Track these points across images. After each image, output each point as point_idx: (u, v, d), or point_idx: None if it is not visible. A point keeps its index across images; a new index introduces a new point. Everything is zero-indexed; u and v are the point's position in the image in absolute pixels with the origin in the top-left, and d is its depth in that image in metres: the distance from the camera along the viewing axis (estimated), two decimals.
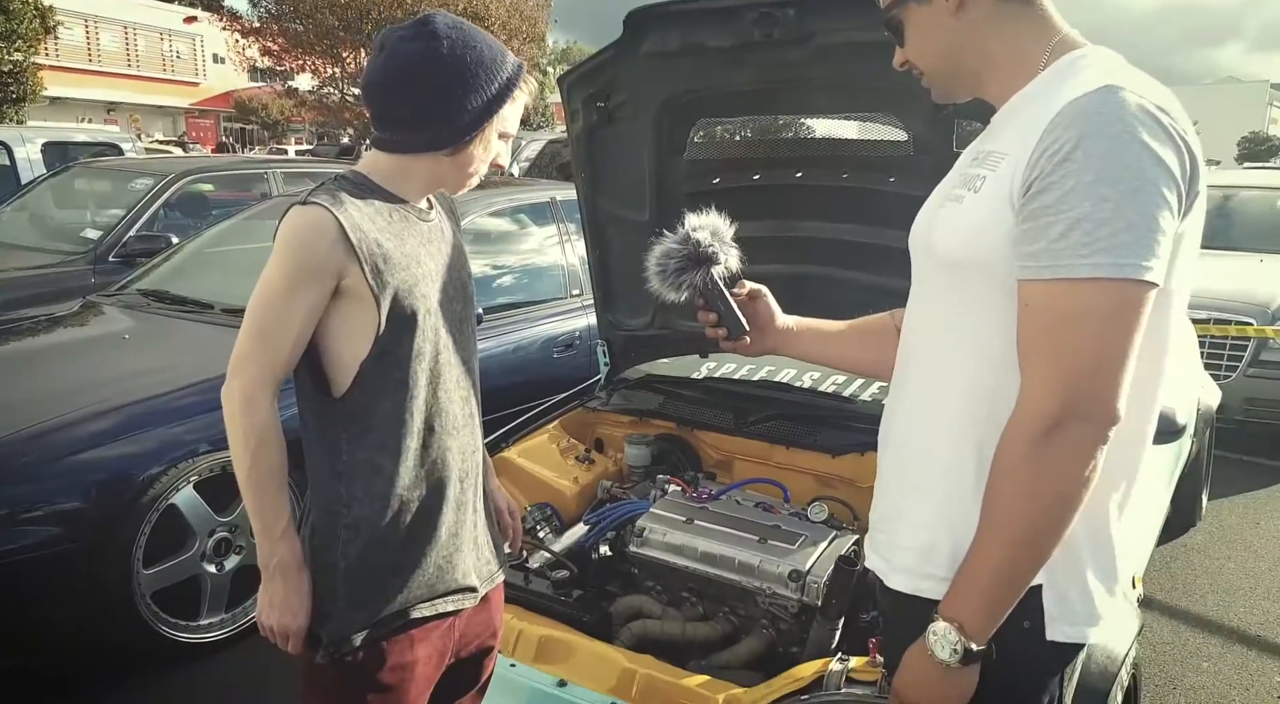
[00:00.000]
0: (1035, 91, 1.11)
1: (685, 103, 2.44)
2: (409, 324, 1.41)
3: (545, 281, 4.26)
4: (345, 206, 1.37)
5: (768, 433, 2.54)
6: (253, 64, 14.29)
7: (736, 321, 1.47)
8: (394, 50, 1.43)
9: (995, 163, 1.09)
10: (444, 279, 1.51)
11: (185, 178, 5.52)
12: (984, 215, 1.08)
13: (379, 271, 1.38)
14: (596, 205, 2.72)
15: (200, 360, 3.03)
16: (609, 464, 2.68)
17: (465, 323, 1.57)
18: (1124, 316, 0.98)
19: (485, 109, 1.41)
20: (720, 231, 1.48)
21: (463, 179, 1.49)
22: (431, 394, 1.47)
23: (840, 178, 2.39)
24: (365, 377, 1.41)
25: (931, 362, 1.20)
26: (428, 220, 1.52)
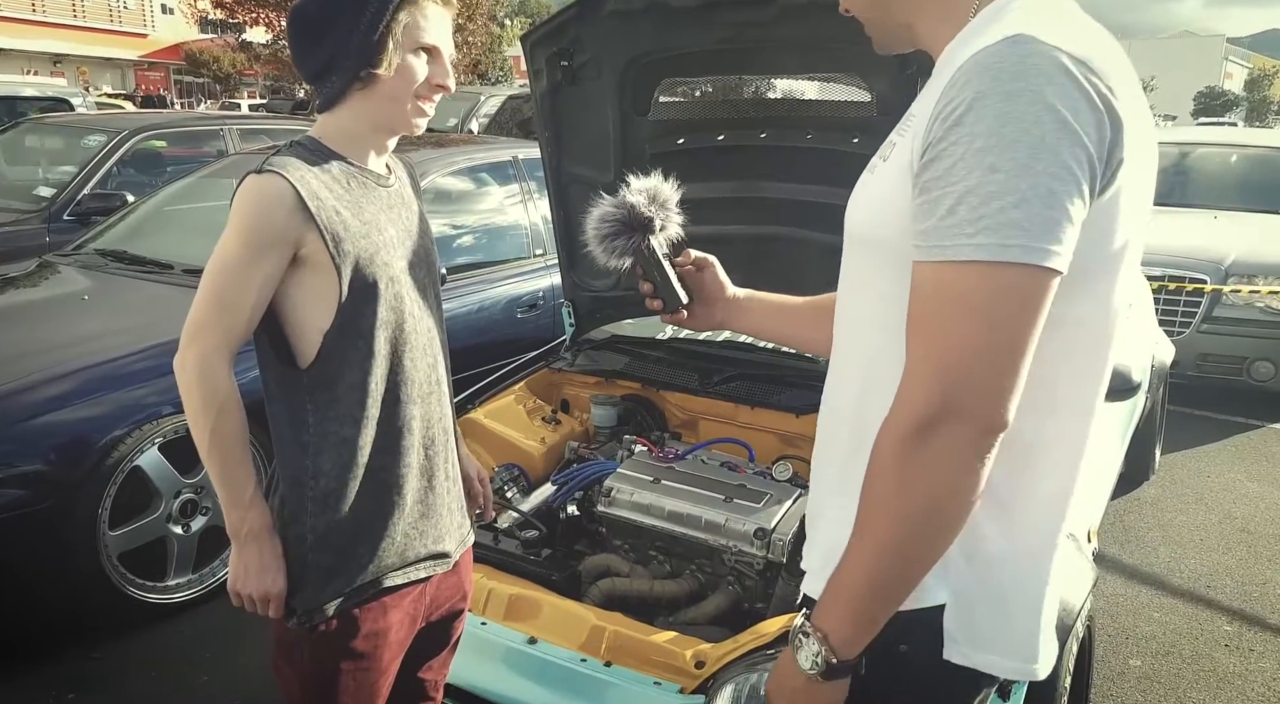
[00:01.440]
0: (956, 44, 0.97)
1: (649, 62, 2.43)
2: (371, 293, 1.41)
3: (508, 241, 4.24)
4: (302, 173, 1.35)
5: (732, 393, 2.58)
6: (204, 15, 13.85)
7: (672, 293, 1.38)
8: (290, 11, 1.44)
9: (906, 126, 0.99)
10: (406, 246, 1.51)
11: (139, 135, 5.37)
12: (887, 187, 0.97)
13: (338, 239, 1.36)
14: (560, 165, 2.71)
15: (161, 321, 2.99)
16: (575, 425, 2.71)
17: (429, 289, 1.57)
18: (1012, 305, 0.85)
19: (373, 20, 1.34)
20: (661, 195, 1.38)
21: (399, 112, 1.42)
22: (396, 362, 1.47)
23: (805, 138, 2.40)
24: (329, 347, 1.40)
25: (841, 347, 1.13)
26: (387, 186, 1.51)
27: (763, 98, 2.43)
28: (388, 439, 1.47)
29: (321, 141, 1.45)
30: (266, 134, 6.01)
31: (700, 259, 1.44)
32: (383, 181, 1.50)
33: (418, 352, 1.51)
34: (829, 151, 2.36)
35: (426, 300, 1.55)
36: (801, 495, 2.04)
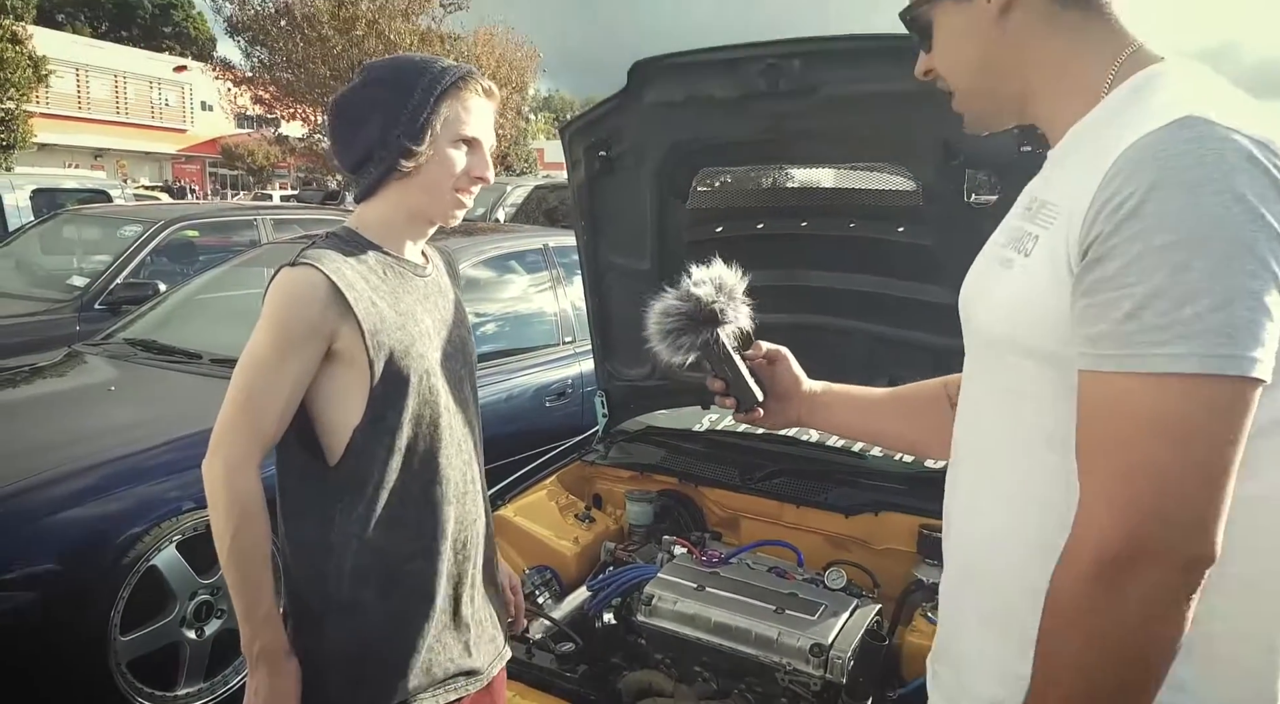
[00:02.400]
0: (1097, 124, 0.88)
1: (688, 152, 2.40)
2: (405, 387, 1.34)
3: (537, 328, 4.19)
4: (338, 265, 1.30)
5: (776, 490, 2.45)
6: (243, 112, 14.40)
7: (747, 390, 1.29)
8: (331, 102, 1.43)
9: (1049, 218, 0.88)
10: (442, 337, 1.44)
11: (174, 224, 5.46)
12: (1035, 285, 0.87)
13: (374, 331, 1.30)
14: (597, 253, 2.67)
15: (187, 412, 2.94)
16: (609, 522, 2.58)
17: (465, 383, 1.50)
18: (1215, 423, 0.74)
19: (415, 111, 1.33)
20: (728, 285, 1.31)
21: (437, 203, 1.40)
22: (429, 460, 1.39)
23: (847, 227, 2.34)
24: (358, 444, 1.33)
25: (985, 462, 0.99)
26: (424, 275, 1.46)
27: (803, 186, 2.39)
28: (418, 544, 1.38)
29: (358, 232, 1.41)
30: (299, 224, 6.09)
31: (772, 351, 1.35)
32: (419, 271, 1.45)
33: (452, 449, 1.42)
34: (873, 240, 2.30)
35: (462, 394, 1.48)
36: (858, 606, 1.90)
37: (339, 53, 11.29)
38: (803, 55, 2.03)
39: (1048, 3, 0.93)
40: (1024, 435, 0.91)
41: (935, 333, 2.27)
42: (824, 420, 1.37)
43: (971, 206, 2.10)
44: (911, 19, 1.03)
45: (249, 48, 11.92)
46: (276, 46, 11.60)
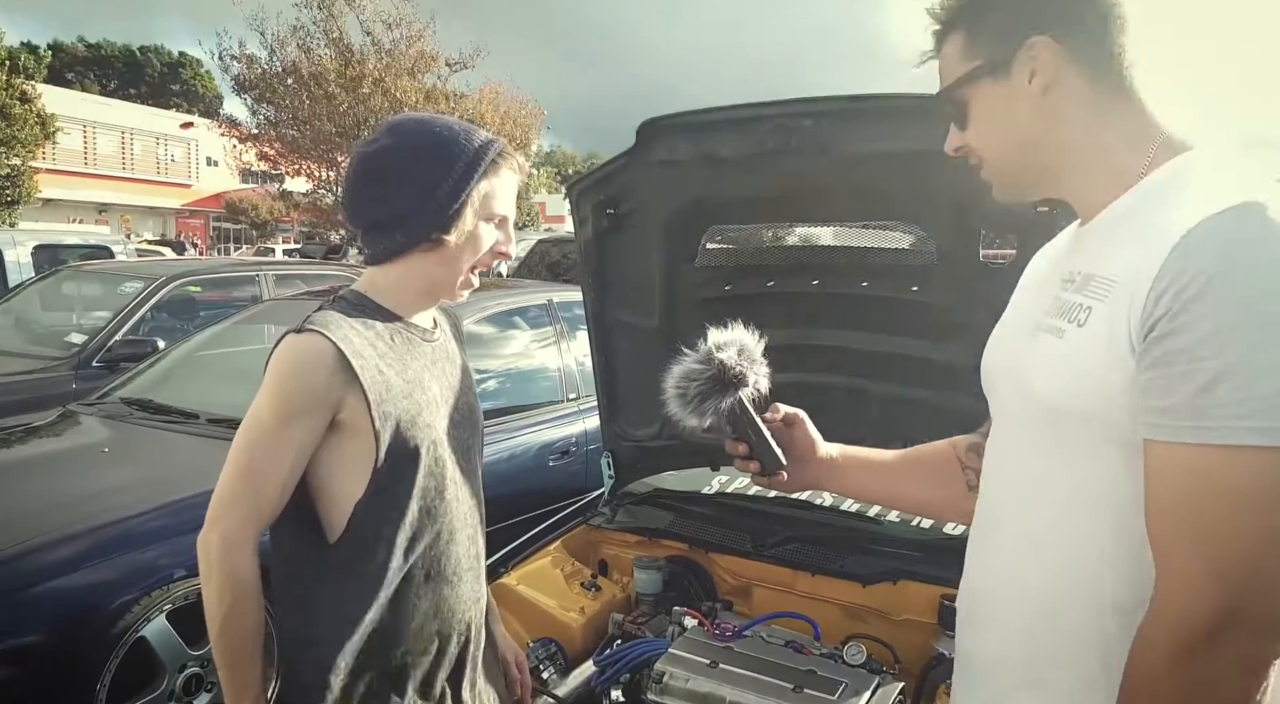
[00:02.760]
0: (1140, 205, 0.93)
1: (697, 210, 2.37)
2: (411, 458, 1.28)
3: (541, 385, 4.14)
4: (345, 331, 1.25)
5: (790, 557, 2.36)
6: (248, 167, 14.56)
7: (771, 454, 1.28)
8: (355, 156, 1.36)
9: (1102, 291, 0.91)
10: (450, 405, 1.39)
11: (176, 281, 5.43)
12: (1093, 356, 0.89)
13: (380, 401, 1.25)
14: (603, 311, 2.62)
15: (182, 475, 2.87)
16: (616, 591, 2.49)
17: (473, 452, 1.44)
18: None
19: (455, 187, 1.29)
20: (748, 348, 1.31)
21: (456, 277, 1.36)
22: (434, 537, 1.32)
23: (860, 286, 2.29)
24: (360, 519, 1.27)
25: (1034, 525, 0.99)
26: (432, 341, 1.40)
27: (815, 244, 2.35)
28: (419, 624, 1.31)
29: (368, 295, 1.36)
30: (301, 279, 6.07)
31: (790, 415, 1.35)
32: (428, 336, 1.40)
33: (458, 522, 1.36)
34: (886, 299, 2.25)
35: (470, 464, 1.42)
36: (880, 684, 1.81)
37: (345, 110, 11.43)
38: (814, 114, 2.01)
39: (1088, 86, 0.96)
40: (1078, 498, 0.93)
41: (950, 393, 2.20)
42: (840, 484, 1.38)
43: (987, 266, 2.06)
44: (948, 97, 1.05)
45: (255, 105, 12.09)
46: (283, 104, 11.76)
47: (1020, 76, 0.98)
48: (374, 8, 11.82)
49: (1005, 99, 0.99)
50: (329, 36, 11.71)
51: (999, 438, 1.09)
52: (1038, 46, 0.96)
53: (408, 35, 12.03)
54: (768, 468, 1.29)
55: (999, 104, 1.00)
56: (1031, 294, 1.10)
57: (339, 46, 11.70)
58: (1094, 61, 0.96)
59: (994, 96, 1.00)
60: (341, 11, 11.68)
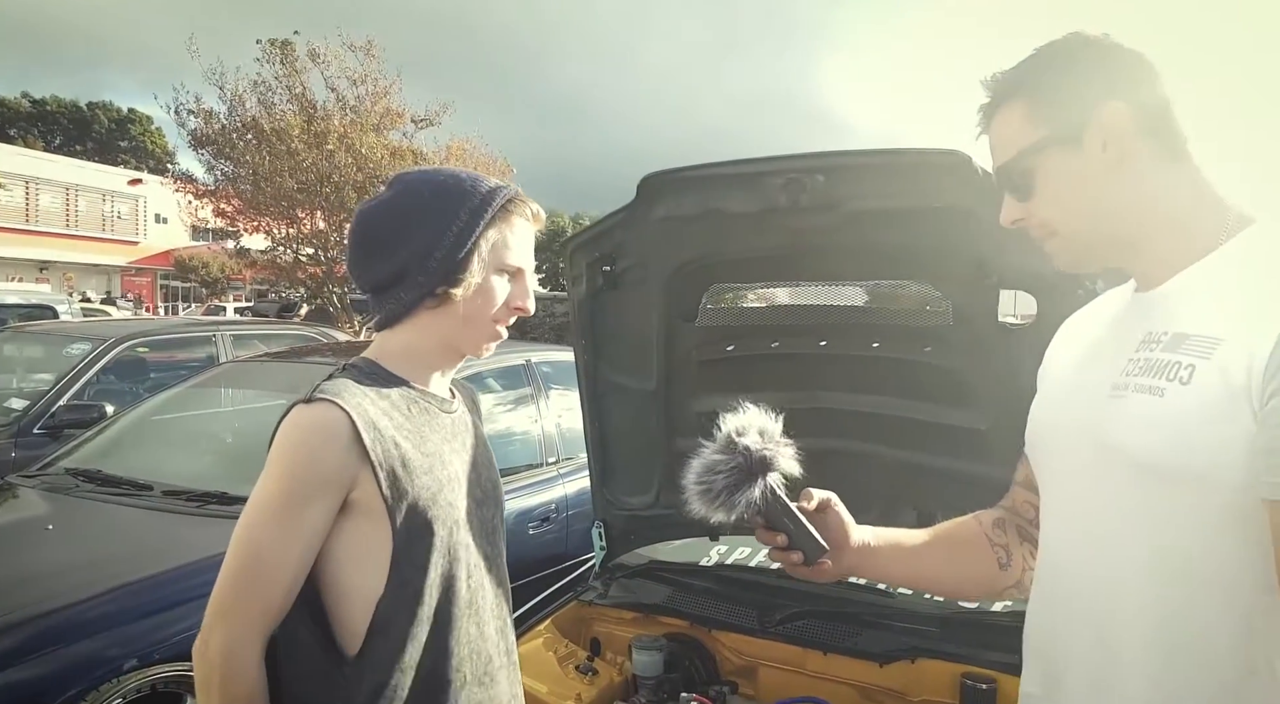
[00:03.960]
0: (1236, 267, 0.94)
1: (700, 268, 2.27)
2: (431, 543, 1.13)
3: (519, 449, 3.97)
4: (359, 400, 1.11)
5: (799, 634, 2.22)
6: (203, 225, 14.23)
7: (813, 541, 1.19)
8: (356, 214, 1.25)
9: (1204, 349, 0.90)
10: (471, 481, 1.24)
11: (125, 342, 5.17)
12: (1205, 412, 0.87)
13: (395, 479, 1.10)
14: (597, 372, 2.50)
15: (134, 554, 2.64)
16: (613, 673, 2.32)
17: (497, 533, 1.29)
18: None
19: (459, 236, 1.18)
20: (769, 430, 1.21)
21: (470, 337, 1.24)
22: (464, 632, 1.16)
23: (870, 347, 2.21)
24: (385, 619, 1.11)
25: (1115, 598, 0.96)
26: (451, 411, 1.27)
27: (822, 304, 2.26)
28: None
29: (380, 363, 1.22)
30: (259, 339, 5.85)
31: (824, 500, 1.25)
32: (446, 407, 1.26)
33: (487, 614, 1.21)
34: (897, 361, 2.17)
35: (496, 546, 1.27)
36: None
37: (308, 166, 11.27)
38: (825, 170, 1.94)
39: (1157, 155, 0.98)
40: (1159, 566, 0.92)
41: (964, 460, 2.12)
42: (875, 569, 1.32)
43: (1005, 327, 1.99)
44: (1014, 168, 1.04)
45: (213, 161, 11.87)
46: (241, 160, 11.56)
47: (1093, 145, 0.97)
48: (339, 64, 11.78)
49: (1077, 169, 0.99)
50: (291, 92, 11.60)
51: (1063, 504, 1.06)
52: (1111, 114, 0.96)
53: (373, 92, 11.97)
54: (810, 556, 1.19)
55: (1071, 174, 0.99)
56: (1087, 356, 1.09)
57: (302, 102, 11.59)
58: (1163, 131, 0.97)
59: (1065, 167, 0.99)
60: (305, 67, 11.61)
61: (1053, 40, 1.03)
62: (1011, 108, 1.03)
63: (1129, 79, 0.98)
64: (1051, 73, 1.01)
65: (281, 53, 11.56)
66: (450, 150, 12.32)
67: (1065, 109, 0.99)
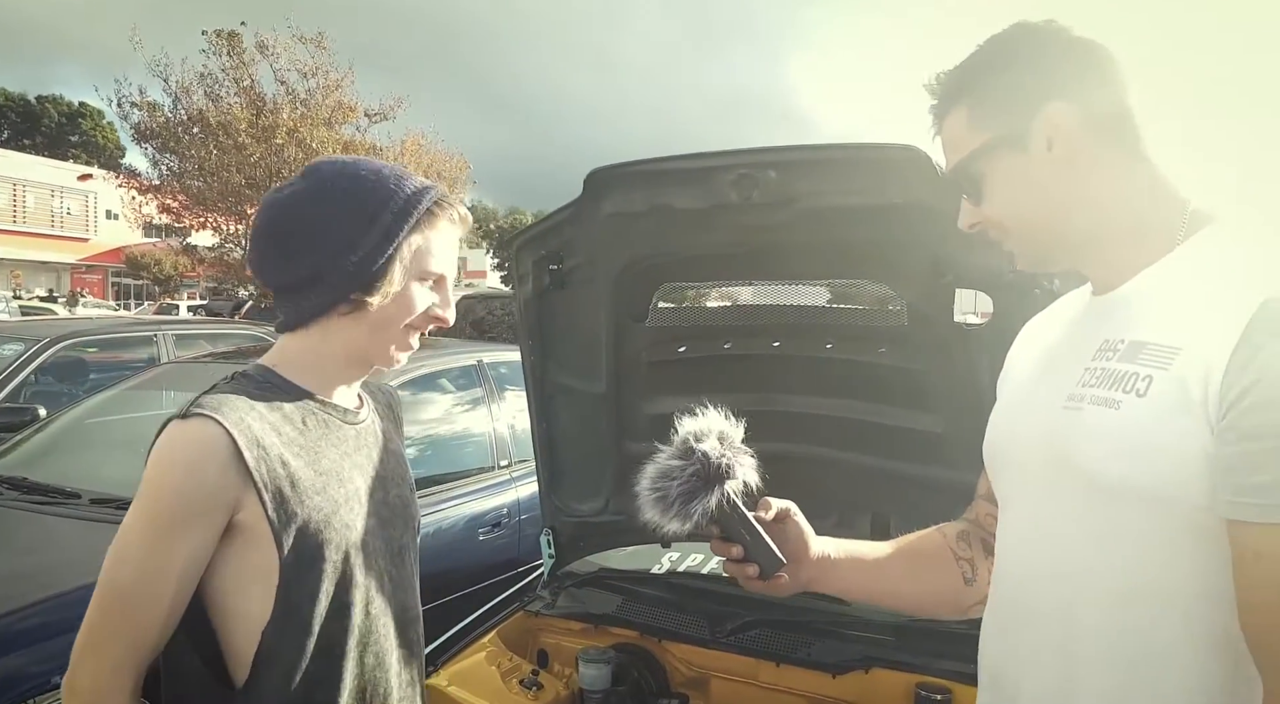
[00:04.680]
0: (1191, 273, 0.89)
1: (649, 266, 2.20)
2: (322, 568, 1.04)
3: (470, 452, 3.87)
4: (241, 415, 1.02)
5: (751, 645, 2.16)
6: (149, 221, 13.81)
7: (770, 554, 1.12)
8: (264, 205, 1.14)
9: (1162, 359, 0.85)
10: (376, 499, 1.15)
11: (62, 341, 4.97)
12: (1162, 427, 0.82)
13: (282, 500, 1.01)
14: (545, 375, 2.42)
15: (61, 565, 2.50)
16: (560, 687, 2.24)
17: (405, 554, 1.20)
18: None
19: (381, 240, 1.08)
20: (729, 435, 1.15)
21: (380, 346, 1.14)
22: (358, 663, 1.08)
23: (824, 348, 2.15)
24: (271, 649, 1.02)
25: (1075, 620, 0.90)
26: (355, 423, 1.17)
27: (775, 303, 2.20)
28: None
29: (276, 371, 1.13)
30: (205, 339, 5.67)
31: (782, 510, 1.19)
32: (350, 418, 1.17)
33: (388, 644, 1.12)
34: (852, 363, 2.11)
35: (401, 571, 1.18)
36: None
37: (256, 160, 10.97)
38: (780, 165, 1.87)
39: (1108, 152, 0.93)
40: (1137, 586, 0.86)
41: (921, 464, 2.07)
42: (835, 583, 1.25)
43: (962, 328, 1.94)
44: (962, 172, 1.01)
45: (158, 155, 11.52)
46: (187, 154, 11.22)
47: (1038, 146, 0.94)
48: (288, 56, 11.50)
49: (1024, 170, 0.96)
50: (239, 85, 11.29)
51: (1020, 520, 1.01)
52: (1055, 113, 0.93)
53: (324, 85, 11.70)
54: (767, 570, 1.13)
55: (1019, 175, 0.96)
56: (1043, 364, 1.04)
57: (250, 95, 11.28)
58: (1112, 126, 0.93)
59: (1012, 168, 0.96)
60: (253, 59, 11.32)
61: (995, 34, 0.98)
62: (957, 111, 0.99)
63: (1075, 73, 0.93)
64: (992, 73, 0.97)
65: (228, 44, 11.25)
66: (405, 146, 12.08)
67: (1008, 110, 0.95)
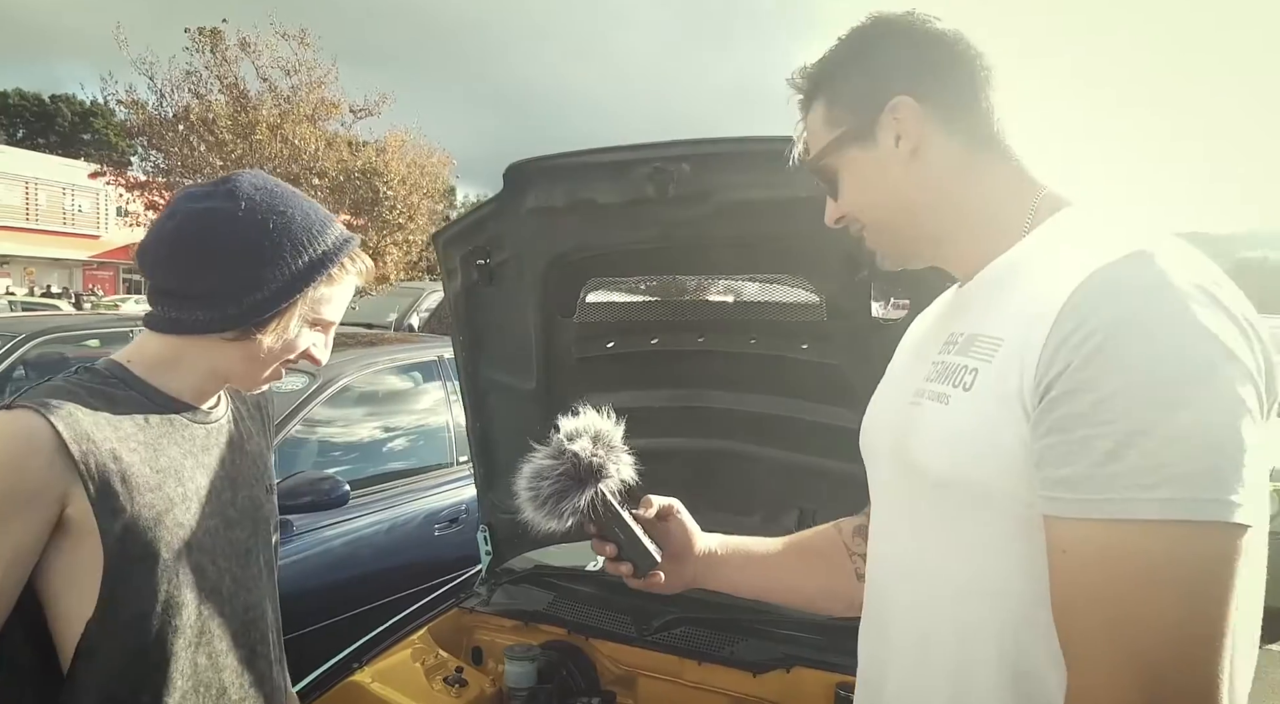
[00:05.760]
0: (1024, 259, 0.88)
1: (575, 261, 2.18)
2: (150, 566, 1.03)
3: (428, 448, 3.86)
4: (71, 409, 1.00)
5: (675, 643, 2.15)
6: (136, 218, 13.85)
7: (643, 553, 1.13)
8: (179, 209, 1.12)
9: (988, 351, 0.84)
10: (221, 499, 1.14)
11: (39, 337, 4.98)
12: (984, 422, 0.81)
13: (110, 495, 1.00)
14: (477, 371, 2.41)
15: None
16: (485, 684, 2.22)
17: (253, 557, 1.19)
18: (1214, 572, 0.69)
19: (287, 286, 1.09)
20: (605, 435, 1.16)
21: (251, 374, 1.15)
22: (189, 664, 1.07)
23: (748, 343, 2.13)
24: (93, 644, 1.01)
25: (924, 619, 0.89)
26: (205, 422, 1.16)
27: (700, 299, 2.18)
28: None
29: (129, 367, 1.12)
30: None
31: (665, 507, 1.19)
32: (200, 417, 1.15)
33: (223, 645, 1.11)
34: (775, 358, 2.09)
35: (248, 571, 1.17)
36: None
37: (239, 156, 11.01)
38: (693, 158, 1.85)
39: (959, 145, 0.92)
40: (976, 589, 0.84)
41: (848, 460, 2.04)
42: (722, 580, 1.24)
43: (879, 323, 1.91)
44: (817, 170, 1.01)
45: (145, 151, 11.60)
46: (172, 151, 11.28)
47: (886, 141, 0.94)
48: (271, 53, 11.53)
49: (874, 165, 0.95)
50: (223, 82, 11.34)
51: (880, 517, 1.00)
52: (900, 108, 0.92)
53: (308, 82, 11.73)
54: (641, 568, 1.14)
55: (869, 170, 0.96)
56: (909, 358, 1.04)
57: (233, 92, 11.33)
58: (962, 119, 0.92)
59: (863, 163, 0.96)
60: (236, 57, 11.35)
61: (855, 26, 0.97)
62: (817, 105, 0.99)
63: (924, 66, 0.92)
64: (844, 68, 0.97)
65: (211, 41, 11.30)
66: (389, 142, 12.10)
67: (859, 104, 0.95)
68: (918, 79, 0.92)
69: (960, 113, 0.92)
